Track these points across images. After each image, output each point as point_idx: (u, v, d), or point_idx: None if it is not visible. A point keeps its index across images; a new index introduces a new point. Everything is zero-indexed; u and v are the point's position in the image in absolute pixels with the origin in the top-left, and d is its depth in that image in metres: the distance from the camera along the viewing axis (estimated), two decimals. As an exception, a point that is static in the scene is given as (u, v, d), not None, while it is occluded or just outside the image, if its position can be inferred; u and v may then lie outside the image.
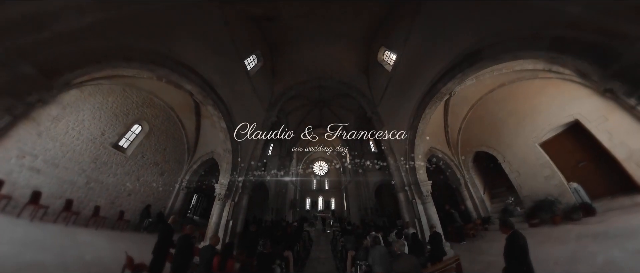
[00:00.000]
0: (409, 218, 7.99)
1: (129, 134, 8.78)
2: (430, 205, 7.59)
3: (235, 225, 8.06)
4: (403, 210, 8.40)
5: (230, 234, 7.71)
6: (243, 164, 9.14)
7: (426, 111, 7.60)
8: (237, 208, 8.34)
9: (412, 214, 7.80)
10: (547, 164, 7.28)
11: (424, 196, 7.66)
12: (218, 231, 7.41)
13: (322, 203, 23.50)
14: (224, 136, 8.34)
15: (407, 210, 8.20)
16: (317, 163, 25.73)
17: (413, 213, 7.74)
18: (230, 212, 7.81)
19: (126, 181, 8.56)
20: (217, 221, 7.60)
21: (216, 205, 7.83)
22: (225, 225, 7.60)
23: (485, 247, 6.56)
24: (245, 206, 8.86)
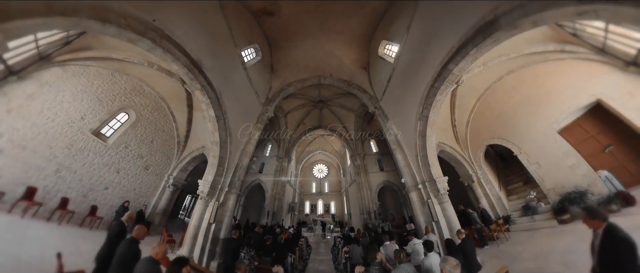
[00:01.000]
0: (424, 221, 6.79)
1: (113, 122, 7.94)
2: (448, 204, 6.41)
3: (218, 229, 6.81)
4: (417, 212, 7.12)
5: (212, 240, 6.49)
6: (233, 160, 8.12)
7: (437, 98, 6.62)
8: (223, 210, 7.15)
9: (428, 216, 6.62)
10: (570, 152, 6.45)
11: (441, 195, 6.52)
12: (197, 236, 6.27)
13: (321, 207, 22.09)
14: (212, 127, 7.45)
15: (421, 211, 6.97)
16: (316, 166, 24.60)
17: (429, 215, 6.55)
18: (213, 214, 6.62)
19: (104, 172, 7.57)
20: (197, 224, 6.43)
21: (198, 205, 6.74)
22: (206, 229, 6.38)
23: (515, 252, 5.36)
24: (233, 208, 7.62)
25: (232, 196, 7.74)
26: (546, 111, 6.94)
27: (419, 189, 7.17)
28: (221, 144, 7.57)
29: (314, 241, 14.37)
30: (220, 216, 7.12)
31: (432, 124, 7.27)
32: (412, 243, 4.94)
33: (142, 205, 8.79)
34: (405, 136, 8.43)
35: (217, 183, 7.23)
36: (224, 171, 7.56)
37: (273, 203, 13.97)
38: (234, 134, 8.21)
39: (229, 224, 7.53)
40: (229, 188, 7.59)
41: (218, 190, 7.18)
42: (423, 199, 6.99)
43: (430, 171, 6.99)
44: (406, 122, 8.25)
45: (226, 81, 7.86)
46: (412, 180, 7.60)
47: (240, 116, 8.90)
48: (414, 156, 7.64)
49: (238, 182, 8.17)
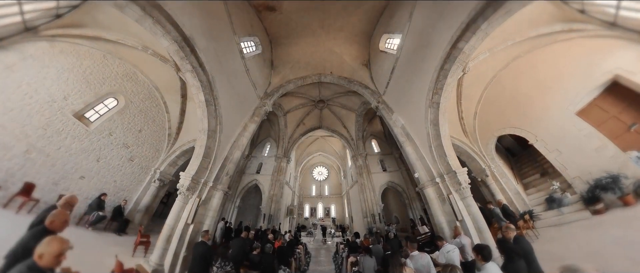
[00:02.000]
0: (446, 221, 5.64)
1: (99, 106, 7.02)
2: (471, 200, 5.39)
3: (198, 232, 5.50)
4: (435, 211, 5.95)
5: (189, 245, 5.19)
6: (221, 152, 6.99)
7: (448, 81, 5.98)
8: (205, 209, 5.91)
9: (450, 215, 5.49)
10: (592, 134, 5.82)
11: (462, 189, 5.45)
12: (171, 239, 4.98)
13: (321, 210, 20.61)
14: (201, 113, 6.56)
15: (441, 210, 5.83)
16: (316, 168, 23.37)
17: (451, 213, 5.43)
18: (192, 212, 5.36)
19: (82, 159, 6.47)
20: (172, 224, 5.16)
21: (176, 202, 5.51)
22: (182, 231, 5.08)
23: (555, 250, 4.48)
24: (218, 208, 6.40)
25: (218, 193, 6.44)
26: (559, 94, 6.38)
27: (436, 183, 6.03)
28: (209, 132, 6.56)
29: (313, 247, 13.06)
30: (201, 217, 5.76)
31: (444, 111, 6.50)
32: (445, 250, 3.70)
33: (122, 199, 7.58)
34: (414, 126, 7.57)
35: (200, 176, 6.01)
36: (210, 164, 6.42)
37: (270, 205, 12.79)
38: (225, 124, 7.26)
39: (212, 226, 6.13)
40: (214, 184, 6.30)
41: (201, 184, 5.94)
42: (442, 195, 5.83)
43: (448, 162, 5.91)
44: (414, 112, 7.43)
45: (221, 66, 7.07)
46: (427, 174, 6.45)
47: (235, 106, 8.07)
48: (427, 147, 6.64)
49: (226, 178, 6.93)
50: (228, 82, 7.68)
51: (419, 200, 13.13)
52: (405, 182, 13.59)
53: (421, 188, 6.65)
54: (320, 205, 21.07)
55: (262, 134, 16.22)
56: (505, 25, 5.12)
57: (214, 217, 6.31)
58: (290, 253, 6.20)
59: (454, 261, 3.50)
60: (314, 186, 22.31)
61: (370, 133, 16.05)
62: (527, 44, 6.36)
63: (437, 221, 6.00)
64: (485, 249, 2.61)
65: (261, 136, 16.22)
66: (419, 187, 6.77)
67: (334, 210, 20.57)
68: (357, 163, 14.46)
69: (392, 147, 15.62)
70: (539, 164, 7.88)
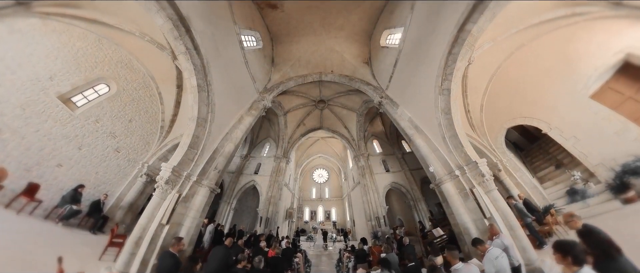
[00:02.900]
0: (472, 219, 4.67)
1: (89, 91, 6.38)
2: (497, 193, 4.54)
3: (174, 235, 4.48)
4: (457, 209, 4.98)
5: (160, 252, 4.22)
6: (211, 143, 6.14)
7: (458, 65, 5.52)
8: (185, 208, 4.91)
9: (475, 212, 4.57)
10: (611, 116, 5.37)
11: (486, 182, 4.62)
12: (140, 242, 3.97)
13: (322, 213, 19.39)
14: (192, 99, 5.96)
15: (464, 207, 4.87)
16: (317, 171, 22.35)
17: (477, 210, 4.52)
18: (168, 211, 4.38)
19: (61, 145, 5.69)
20: (145, 224, 4.18)
21: (153, 197, 4.59)
22: (154, 234, 4.07)
23: None
24: (202, 207, 5.40)
25: (203, 190, 5.42)
26: (570, 79, 5.95)
27: (456, 177, 5.14)
28: (199, 120, 5.80)
29: (314, 253, 11.95)
30: (180, 217, 4.71)
31: (455, 98, 5.96)
32: (492, 256, 2.75)
33: (102, 193, 6.65)
34: (423, 118, 6.90)
35: (183, 168, 5.07)
36: (197, 156, 5.52)
37: (267, 208, 11.63)
38: (218, 113, 6.55)
39: (192, 229, 4.92)
40: (199, 178, 5.35)
41: (183, 177, 4.96)
42: (464, 190, 4.92)
43: (465, 153, 5.15)
44: (422, 102, 6.83)
45: (217, 52, 6.48)
46: (443, 168, 5.58)
47: (231, 96, 7.40)
48: (440, 138, 5.92)
49: (214, 173, 5.93)
50: (225, 70, 7.20)
51: (424, 200, 12.38)
52: (409, 183, 12.91)
53: (438, 183, 5.67)
54: (321, 208, 19.89)
55: (262, 134, 15.64)
56: (508, 12, 4.94)
57: (195, 218, 5.09)
58: (286, 265, 5.11)
59: (506, 269, 2.64)
60: (314, 188, 21.29)
61: (371, 133, 15.60)
62: (531, 31, 6.17)
63: (459, 221, 4.91)
64: (575, 248, 1.71)
65: (261, 136, 15.63)
66: (435, 183, 5.79)
67: (334, 213, 19.40)
68: (358, 163, 13.81)
69: (394, 147, 15.11)
70: (551, 156, 7.41)
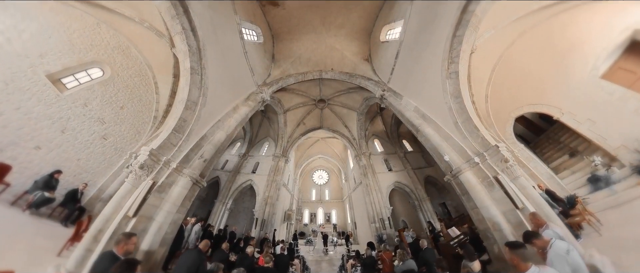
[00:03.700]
0: (499, 212, 3.88)
1: (81, 74, 5.94)
2: (524, 180, 3.92)
3: (141, 231, 3.69)
4: (482, 201, 4.16)
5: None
6: (200, 129, 5.49)
7: (463, 47, 5.27)
8: (159, 199, 4.03)
9: (504, 203, 3.78)
10: (627, 95, 4.98)
11: (510, 167, 3.99)
12: (100, 238, 3.17)
13: (322, 216, 18.26)
14: (184, 81, 5.49)
15: (490, 197, 4.07)
16: (317, 172, 21.51)
17: (506, 200, 3.75)
18: (138, 201, 3.58)
19: (43, 126, 5.11)
20: (109, 215, 3.39)
21: (124, 184, 3.86)
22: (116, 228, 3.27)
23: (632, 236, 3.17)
24: (181, 200, 4.49)
25: (183, 179, 4.53)
26: (577, 62, 5.60)
27: (476, 165, 4.43)
28: (188, 103, 5.22)
29: (313, 258, 10.98)
30: (152, 210, 3.82)
31: (464, 82, 5.57)
32: (561, 249, 2.00)
33: (82, 182, 5.92)
34: (430, 105, 6.42)
35: (163, 152, 4.32)
36: (181, 141, 4.85)
37: (264, 209, 10.68)
38: (211, 98, 6.03)
39: (166, 225, 3.96)
40: (180, 166, 4.52)
41: (161, 163, 4.19)
42: (487, 178, 4.19)
43: (482, 137, 4.57)
44: (427, 89, 6.46)
45: (216, 37, 6.18)
46: (460, 156, 4.89)
47: (226, 84, 6.95)
48: (452, 124, 5.36)
49: (199, 161, 5.14)
50: (222, 56, 6.90)
51: (430, 200, 11.70)
52: (413, 182, 12.31)
53: (456, 173, 4.86)
54: (321, 210, 18.83)
55: (261, 133, 15.22)
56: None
57: (171, 213, 4.16)
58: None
59: (582, 266, 1.89)
60: (314, 190, 20.37)
61: (372, 132, 15.20)
62: (531, 18, 6.08)
63: (486, 216, 4.05)
64: None
65: (260, 135, 15.19)
66: (452, 174, 4.98)
67: (335, 215, 18.33)
68: (360, 162, 13.24)
69: (396, 146, 14.63)
70: (563, 145, 6.96)
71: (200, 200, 12.57)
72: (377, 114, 14.83)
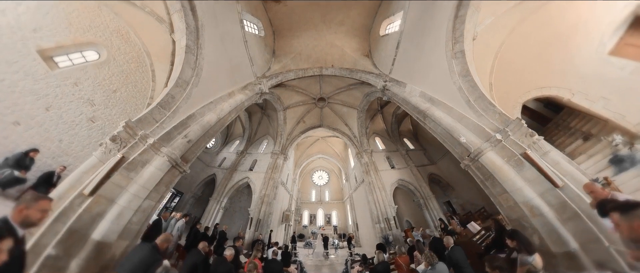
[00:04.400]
0: (536, 194, 3.23)
1: (75, 55, 5.63)
2: (556, 154, 3.37)
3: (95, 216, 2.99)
4: (512, 184, 3.49)
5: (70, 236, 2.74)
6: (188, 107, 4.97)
7: (466, 27, 5.23)
8: (127, 178, 3.36)
9: (539, 183, 3.16)
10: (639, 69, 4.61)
11: (538, 142, 3.52)
12: None
13: (322, 217, 17.25)
14: (178, 60, 5.25)
15: (522, 178, 3.42)
16: (316, 173, 20.77)
17: (541, 180, 3.14)
18: (98, 177, 2.94)
19: (26, 102, 4.73)
20: (64, 192, 2.80)
21: (91, 157, 3.27)
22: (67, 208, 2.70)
23: None
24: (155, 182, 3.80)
25: (159, 159, 3.85)
26: (581, 42, 5.27)
27: (498, 142, 3.86)
28: (179, 81, 4.82)
29: (312, 263, 10.06)
30: (115, 191, 3.15)
31: (471, 61, 5.34)
32: None
33: (59, 164, 5.28)
34: (437, 88, 6.11)
35: (142, 126, 3.79)
36: (165, 117, 4.30)
37: (259, 207, 9.98)
38: (204, 79, 5.66)
39: (129, 212, 3.25)
40: (159, 143, 3.88)
41: (137, 137, 3.63)
42: (513, 156, 3.60)
43: (501, 112, 4.15)
44: (432, 73, 6.24)
45: (216, 20, 5.98)
46: (478, 135, 4.27)
47: (222, 69, 6.61)
48: (464, 103, 4.94)
49: (182, 141, 4.43)
50: (220, 41, 6.70)
51: (435, 198, 11.08)
52: (417, 179, 11.73)
53: (475, 156, 4.18)
54: (321, 211, 17.85)
55: (261, 131, 14.85)
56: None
57: (139, 198, 3.42)
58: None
59: None
60: (313, 191, 19.51)
61: (372, 131, 14.85)
62: (529, 4, 6.09)
63: (519, 200, 3.37)
64: None
65: (259, 133, 14.81)
66: (470, 158, 4.30)
67: (335, 216, 17.33)
68: (362, 160, 12.74)
69: (397, 144, 14.27)
70: (574, 130, 6.59)
71: (195, 198, 11.89)
72: (377, 111, 14.61)
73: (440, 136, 5.61)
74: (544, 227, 2.93)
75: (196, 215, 10.57)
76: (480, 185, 4.24)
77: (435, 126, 5.82)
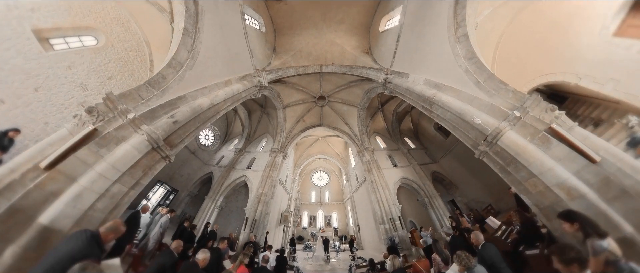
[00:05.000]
0: (571, 172, 2.86)
1: (73, 39, 5.49)
2: (580, 129, 3.12)
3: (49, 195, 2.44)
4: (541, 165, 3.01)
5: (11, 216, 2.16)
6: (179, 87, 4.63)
7: (467, 12, 5.16)
8: (95, 155, 2.88)
9: (572, 159, 2.78)
10: None
11: (559, 116, 3.22)
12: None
13: (322, 219, 16.49)
14: (175, 42, 5.01)
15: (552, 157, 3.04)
16: (316, 173, 20.19)
17: (573, 156, 2.78)
18: (61, 149, 2.53)
19: (15, 80, 4.51)
20: (19, 165, 2.33)
21: (62, 129, 2.91)
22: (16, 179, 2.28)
23: None
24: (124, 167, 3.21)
25: (137, 137, 3.36)
26: (584, 25, 5.17)
27: (518, 119, 3.48)
28: (172, 62, 4.51)
29: (312, 268, 9.27)
30: (79, 167, 2.66)
31: (475, 44, 5.18)
32: None
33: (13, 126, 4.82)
34: (442, 74, 5.94)
35: (125, 101, 3.41)
36: (152, 96, 3.95)
37: (255, 207, 9.41)
38: (200, 63, 5.42)
39: (93, 196, 2.72)
40: (140, 120, 3.48)
41: (116, 111, 3.26)
42: (538, 133, 3.22)
43: (515, 90, 3.85)
44: (436, 60, 6.14)
45: (216, 8, 5.89)
46: (494, 115, 3.89)
47: (220, 57, 6.41)
48: (472, 85, 4.68)
49: (167, 121, 3.99)
50: (220, 29, 6.54)
51: (440, 196, 10.60)
52: (421, 178, 11.31)
53: (492, 139, 3.71)
54: (321, 212, 17.10)
55: (260, 130, 14.59)
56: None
57: (108, 179, 2.91)
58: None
59: None
60: (313, 192, 18.84)
61: (373, 130, 14.61)
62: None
63: (552, 182, 2.85)
64: None
65: (259, 131, 14.54)
66: (487, 142, 3.84)
67: (335, 218, 16.59)
68: (363, 158, 12.37)
69: (399, 143, 13.99)
70: (583, 118, 6.36)
71: (191, 196, 11.37)
72: (377, 110, 14.47)
73: (449, 123, 5.16)
74: (587, 211, 2.45)
75: (192, 214, 10.03)
76: (500, 173, 3.78)
77: (444, 112, 5.40)
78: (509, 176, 3.59)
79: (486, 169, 8.38)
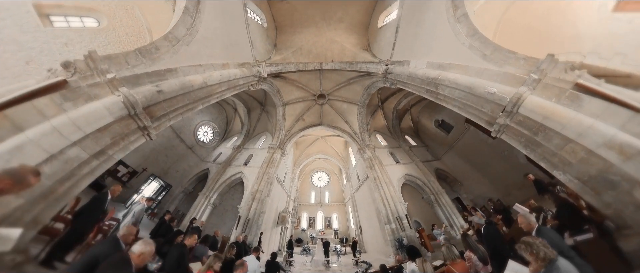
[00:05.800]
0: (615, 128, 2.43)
1: (74, 19, 5.47)
2: (607, 84, 2.71)
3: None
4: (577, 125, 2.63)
5: None
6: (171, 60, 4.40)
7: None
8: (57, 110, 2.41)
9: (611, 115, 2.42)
10: None
11: (585, 74, 2.96)
12: None
13: (321, 220, 15.53)
14: (174, 20, 4.85)
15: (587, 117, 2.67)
16: (316, 174, 19.49)
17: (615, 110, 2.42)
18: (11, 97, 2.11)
19: (7, 52, 4.32)
20: None
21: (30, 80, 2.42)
22: None
23: None
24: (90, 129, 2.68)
25: (114, 98, 2.97)
26: (579, 6, 5.65)
27: (537, 81, 3.19)
28: (169, 36, 4.30)
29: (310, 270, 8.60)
30: (31, 116, 2.24)
31: (476, 21, 5.10)
32: None
33: None
34: (446, 54, 5.78)
35: (108, 63, 3.08)
36: (141, 64, 3.66)
37: (250, 205, 8.75)
38: (197, 42, 5.26)
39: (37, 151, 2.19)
40: (118, 82, 3.13)
41: (95, 71, 2.93)
42: (564, 91, 2.91)
43: (526, 56, 3.65)
44: (437, 43, 6.10)
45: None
46: (509, 83, 3.58)
47: (220, 41, 6.34)
48: (479, 59, 4.45)
49: (151, 89, 3.58)
50: (222, 15, 6.45)
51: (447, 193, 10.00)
52: (425, 174, 10.80)
53: (512, 108, 3.29)
54: (321, 213, 16.16)
55: (259, 127, 14.33)
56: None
57: (65, 138, 2.41)
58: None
59: None
60: (313, 192, 17.98)
61: (373, 128, 14.38)
62: None
63: (594, 142, 2.43)
64: None
65: (258, 129, 14.26)
66: (506, 112, 3.43)
67: (336, 219, 15.62)
68: (364, 155, 11.95)
69: (400, 140, 13.65)
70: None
71: (186, 193, 10.77)
72: (378, 107, 14.37)
73: (459, 102, 4.75)
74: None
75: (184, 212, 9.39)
76: (525, 150, 3.29)
77: (451, 91, 5.00)
78: (539, 149, 3.11)
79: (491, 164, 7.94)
